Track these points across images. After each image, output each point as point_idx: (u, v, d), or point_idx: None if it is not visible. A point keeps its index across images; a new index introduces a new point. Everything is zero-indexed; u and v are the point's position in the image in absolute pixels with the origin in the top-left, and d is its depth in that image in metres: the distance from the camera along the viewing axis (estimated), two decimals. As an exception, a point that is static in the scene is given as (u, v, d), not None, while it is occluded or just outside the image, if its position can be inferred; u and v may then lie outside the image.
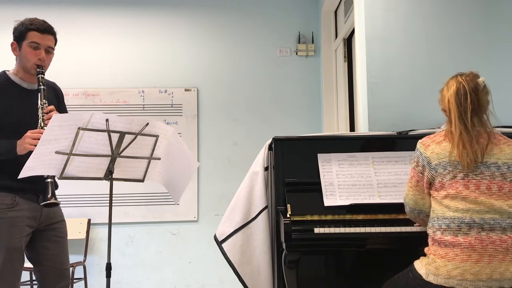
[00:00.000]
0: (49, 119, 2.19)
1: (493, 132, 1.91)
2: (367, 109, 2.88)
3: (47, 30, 2.36)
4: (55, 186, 2.35)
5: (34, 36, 2.32)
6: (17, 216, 2.24)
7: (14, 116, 2.28)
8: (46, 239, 2.35)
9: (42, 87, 2.30)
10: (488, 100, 1.95)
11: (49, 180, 2.16)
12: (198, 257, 4.44)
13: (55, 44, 2.43)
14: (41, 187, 2.22)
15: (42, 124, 2.22)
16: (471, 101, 1.88)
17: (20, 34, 2.33)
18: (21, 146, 2.16)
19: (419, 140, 1.99)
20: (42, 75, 2.32)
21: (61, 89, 2.58)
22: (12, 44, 2.37)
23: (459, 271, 1.74)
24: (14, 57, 2.40)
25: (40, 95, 2.28)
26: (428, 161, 1.91)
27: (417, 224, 2.11)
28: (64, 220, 2.45)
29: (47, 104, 2.28)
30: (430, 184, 1.93)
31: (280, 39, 4.73)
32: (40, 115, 2.24)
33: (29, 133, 2.16)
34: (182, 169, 2.34)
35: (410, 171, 2.01)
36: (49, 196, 2.14)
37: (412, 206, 2.00)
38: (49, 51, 2.38)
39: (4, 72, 2.38)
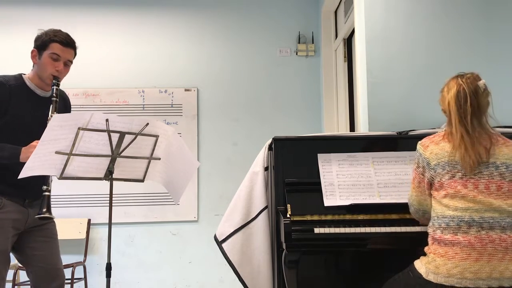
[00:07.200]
0: None
1: (492, 133, 1.92)
2: (367, 109, 2.88)
3: (69, 44, 2.38)
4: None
5: (56, 47, 2.34)
6: (3, 218, 2.22)
7: (23, 120, 2.28)
8: (33, 240, 2.34)
9: (55, 98, 2.31)
10: (488, 102, 1.95)
11: (46, 193, 2.16)
12: (198, 257, 4.44)
13: (74, 58, 2.45)
14: (29, 192, 2.24)
15: None
16: (471, 104, 1.88)
17: (43, 43, 2.34)
18: (25, 154, 2.13)
19: (419, 142, 2.00)
20: (57, 87, 2.34)
21: (64, 92, 2.58)
22: (32, 52, 2.38)
23: (459, 270, 1.74)
24: (31, 62, 2.40)
25: (52, 107, 2.29)
26: (428, 162, 1.91)
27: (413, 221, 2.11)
28: (53, 222, 2.41)
29: None
30: (431, 185, 1.93)
31: (280, 39, 4.73)
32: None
33: (34, 143, 2.13)
34: (182, 169, 2.34)
35: (412, 172, 2.02)
36: (44, 210, 2.14)
37: (417, 207, 2.01)
38: (67, 64, 2.40)
39: (20, 75, 2.39)
